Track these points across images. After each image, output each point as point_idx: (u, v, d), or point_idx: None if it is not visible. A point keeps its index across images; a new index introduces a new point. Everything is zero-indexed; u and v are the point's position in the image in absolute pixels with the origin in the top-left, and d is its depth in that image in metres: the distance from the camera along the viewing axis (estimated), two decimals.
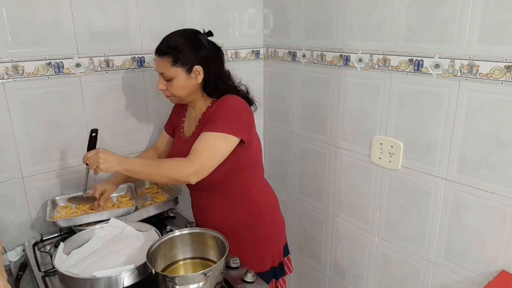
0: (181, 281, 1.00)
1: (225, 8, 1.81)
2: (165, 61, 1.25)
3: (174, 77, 1.26)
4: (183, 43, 1.25)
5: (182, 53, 1.24)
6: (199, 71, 1.27)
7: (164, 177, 1.20)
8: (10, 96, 1.36)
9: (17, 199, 1.44)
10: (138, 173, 1.21)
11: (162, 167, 1.20)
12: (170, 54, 1.24)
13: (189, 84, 1.28)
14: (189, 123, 1.42)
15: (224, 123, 1.22)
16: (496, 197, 1.22)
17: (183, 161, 1.20)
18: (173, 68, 1.25)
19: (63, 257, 1.19)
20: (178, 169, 1.19)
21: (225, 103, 1.28)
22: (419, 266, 1.49)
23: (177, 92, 1.29)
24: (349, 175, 1.68)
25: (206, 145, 1.21)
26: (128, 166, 1.19)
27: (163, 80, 1.29)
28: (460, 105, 1.25)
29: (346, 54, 1.57)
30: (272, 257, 1.43)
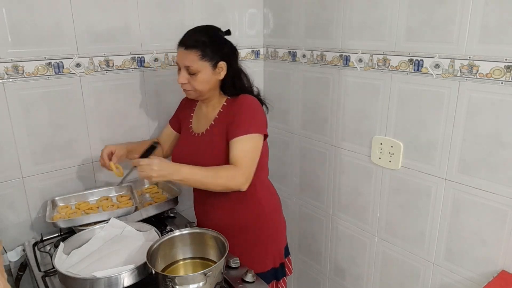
0: (181, 281, 1.00)
1: (225, 8, 1.81)
2: (193, 54, 1.24)
3: (200, 71, 1.25)
4: (211, 38, 1.26)
5: (210, 48, 1.24)
6: (222, 67, 1.28)
7: (219, 187, 1.21)
8: (10, 96, 1.36)
9: (17, 199, 1.44)
10: (193, 183, 1.20)
11: (217, 176, 1.20)
12: (198, 47, 1.24)
13: (212, 80, 1.28)
14: (199, 120, 1.41)
15: (251, 123, 1.26)
16: (496, 197, 1.22)
17: (235, 169, 1.21)
18: (201, 62, 1.24)
19: (63, 257, 1.19)
20: (232, 179, 1.21)
21: (244, 103, 1.29)
22: (419, 266, 1.49)
23: (200, 86, 1.27)
24: (349, 175, 1.68)
25: (246, 150, 1.24)
26: (184, 176, 1.17)
27: (186, 74, 1.27)
28: (460, 105, 1.25)
29: (346, 54, 1.57)
30: (273, 258, 1.43)
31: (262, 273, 1.37)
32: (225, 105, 1.34)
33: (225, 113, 1.32)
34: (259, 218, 1.39)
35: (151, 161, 1.16)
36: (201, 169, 1.20)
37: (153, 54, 1.64)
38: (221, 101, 1.35)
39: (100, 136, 1.58)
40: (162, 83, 1.70)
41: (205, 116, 1.38)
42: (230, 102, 1.34)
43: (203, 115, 1.39)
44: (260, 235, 1.39)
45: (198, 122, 1.41)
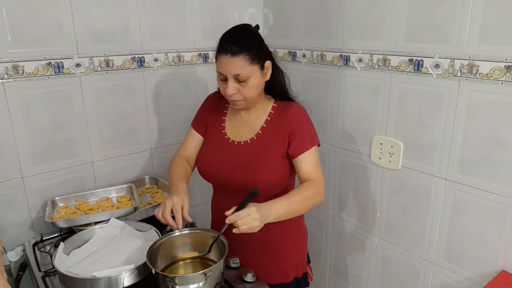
0: (181, 281, 1.00)
1: (225, 8, 1.81)
2: (241, 60, 1.11)
3: (251, 76, 1.14)
4: (253, 38, 1.16)
5: (256, 49, 1.14)
6: (268, 67, 1.18)
7: (307, 208, 1.17)
8: (10, 96, 1.36)
9: (17, 199, 1.44)
10: (287, 215, 1.12)
11: (305, 199, 1.14)
12: (246, 51, 1.12)
13: (261, 83, 1.18)
14: (237, 126, 1.28)
15: (312, 134, 1.22)
16: (496, 197, 1.22)
17: (315, 185, 1.17)
18: (251, 66, 1.13)
19: (63, 257, 1.18)
20: (318, 195, 1.17)
21: (299, 114, 1.23)
22: (419, 266, 1.49)
23: (251, 93, 1.16)
24: (349, 175, 1.68)
25: (316, 162, 1.20)
26: (277, 214, 1.08)
27: (234, 83, 1.14)
28: (460, 105, 1.25)
29: (346, 54, 1.57)
30: (296, 268, 1.35)
31: (284, 284, 1.32)
32: (272, 113, 1.24)
33: (273, 121, 1.23)
34: (285, 230, 1.30)
35: (249, 210, 1.03)
36: (287, 198, 1.12)
37: (153, 54, 1.64)
38: (266, 107, 1.25)
39: (100, 136, 1.58)
40: (162, 83, 1.70)
41: (246, 123, 1.26)
42: (277, 109, 1.24)
43: (243, 122, 1.27)
44: (285, 247, 1.32)
45: (236, 129, 1.28)
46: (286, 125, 1.21)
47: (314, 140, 1.22)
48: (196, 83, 1.80)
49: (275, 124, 1.23)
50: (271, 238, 1.30)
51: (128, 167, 1.69)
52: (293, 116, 1.21)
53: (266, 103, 1.27)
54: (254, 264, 1.22)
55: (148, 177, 1.73)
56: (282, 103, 1.26)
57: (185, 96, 1.78)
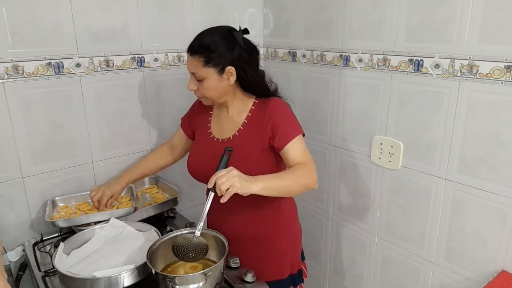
0: (181, 281, 1.00)
1: (225, 8, 1.80)
2: (196, 60, 1.17)
3: (206, 78, 1.18)
4: (216, 41, 1.17)
5: (215, 53, 1.16)
6: (231, 72, 1.19)
7: (301, 187, 1.15)
8: (10, 96, 1.36)
9: (17, 199, 1.44)
10: (276, 188, 1.10)
11: (296, 177, 1.13)
12: (202, 53, 1.16)
13: (220, 86, 1.20)
14: (221, 124, 1.32)
15: (294, 125, 1.23)
16: (496, 197, 1.22)
17: (307, 167, 1.17)
18: (205, 68, 1.17)
19: (63, 257, 1.19)
20: (310, 176, 1.16)
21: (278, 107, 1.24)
22: (419, 266, 1.49)
23: (208, 93, 1.21)
24: (349, 175, 1.68)
25: (303, 150, 1.20)
26: (266, 184, 1.07)
27: (194, 80, 1.21)
28: (460, 105, 1.25)
29: (346, 54, 1.57)
30: (291, 265, 1.38)
31: (279, 281, 1.33)
32: (253, 109, 1.27)
33: (254, 117, 1.25)
34: (279, 226, 1.33)
35: (228, 169, 1.04)
36: (276, 175, 1.12)
37: (153, 54, 1.64)
38: (246, 104, 1.28)
39: (100, 136, 1.58)
40: (162, 83, 1.70)
41: (230, 120, 1.29)
42: (257, 105, 1.27)
43: (226, 120, 1.31)
44: (279, 243, 1.34)
45: (220, 126, 1.32)
46: (266, 118, 1.22)
47: (298, 129, 1.22)
48: None
49: (255, 119, 1.25)
50: (266, 235, 1.32)
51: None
52: (272, 108, 1.23)
53: (246, 100, 1.29)
54: (249, 261, 1.24)
55: (148, 177, 1.73)
56: (263, 99, 1.28)
57: (185, 96, 1.78)
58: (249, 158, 1.22)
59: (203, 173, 1.29)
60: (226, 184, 1.00)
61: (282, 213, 1.34)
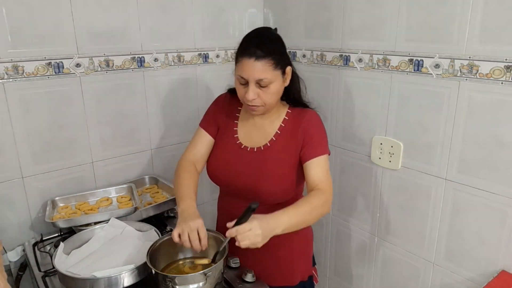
0: (181, 281, 1.00)
1: (225, 8, 1.81)
2: (266, 64, 1.08)
3: (273, 82, 1.11)
4: (276, 42, 1.13)
5: (280, 55, 1.12)
6: (289, 73, 1.15)
7: (318, 217, 1.12)
8: (10, 96, 1.36)
9: (17, 199, 1.44)
10: (295, 226, 1.06)
11: (313, 208, 1.09)
12: (270, 56, 1.09)
13: (282, 88, 1.15)
14: (250, 132, 1.25)
15: (324, 143, 1.19)
16: (496, 197, 1.22)
17: (323, 194, 1.12)
18: (274, 71, 1.10)
19: (63, 257, 1.19)
20: (326, 205, 1.12)
21: (314, 120, 1.21)
22: (419, 266, 1.49)
23: (271, 99, 1.13)
24: (349, 175, 1.68)
25: (326, 170, 1.16)
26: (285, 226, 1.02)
27: (256, 88, 1.11)
28: (460, 105, 1.25)
29: (346, 54, 1.57)
30: (302, 272, 1.34)
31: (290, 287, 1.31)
32: (287, 119, 1.22)
33: (288, 128, 1.21)
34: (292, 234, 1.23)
35: (251, 225, 0.97)
36: (295, 208, 1.06)
37: (153, 54, 1.64)
38: (280, 113, 1.23)
39: (100, 136, 1.58)
40: (162, 83, 1.70)
41: (259, 128, 1.23)
42: (292, 116, 1.22)
43: (256, 127, 1.24)
44: (291, 250, 1.30)
45: (249, 134, 1.25)
46: (300, 131, 1.19)
47: (326, 148, 1.19)
48: (196, 83, 1.80)
49: (289, 131, 1.20)
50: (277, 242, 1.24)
51: (128, 167, 1.69)
52: (308, 122, 1.19)
53: (281, 108, 1.24)
54: (259, 267, 1.21)
55: (148, 177, 1.73)
56: (297, 109, 1.24)
57: (185, 96, 1.78)
58: (277, 173, 1.18)
59: (225, 178, 1.25)
60: (247, 243, 0.97)
61: None
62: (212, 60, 1.81)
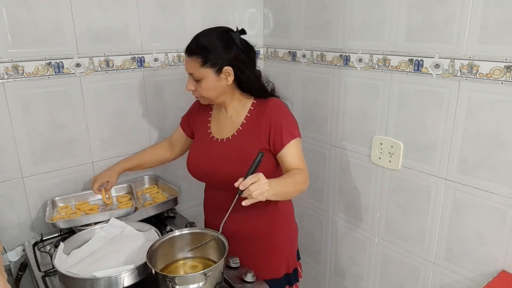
0: (181, 281, 1.00)
1: (225, 8, 1.80)
2: (194, 61, 1.19)
3: (203, 78, 1.20)
4: (214, 42, 1.19)
5: (212, 53, 1.18)
6: (229, 72, 1.20)
7: (298, 192, 1.19)
8: (10, 96, 1.36)
9: (17, 199, 1.44)
10: (281, 194, 1.14)
11: (296, 183, 1.17)
12: (199, 54, 1.18)
13: (218, 86, 1.22)
14: (220, 124, 1.34)
15: (292, 127, 1.25)
16: (496, 197, 1.22)
17: (303, 172, 1.21)
18: (202, 69, 1.19)
19: (63, 257, 1.19)
20: (305, 182, 1.20)
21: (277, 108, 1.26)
22: (419, 266, 1.49)
23: (206, 93, 1.23)
24: (349, 175, 1.68)
25: (299, 153, 1.24)
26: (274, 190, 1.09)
27: (192, 80, 1.23)
28: (460, 105, 1.25)
29: (346, 54, 1.57)
30: (287, 264, 1.39)
31: (275, 279, 1.34)
32: (252, 110, 1.28)
33: (253, 117, 1.27)
34: (275, 225, 1.35)
35: (259, 175, 1.06)
36: (281, 179, 1.15)
37: (153, 54, 1.64)
38: (245, 104, 1.30)
39: (100, 136, 1.58)
40: (162, 83, 1.70)
41: (229, 120, 1.31)
42: (256, 106, 1.28)
43: (225, 120, 1.32)
44: (275, 242, 1.35)
45: (220, 126, 1.34)
46: (265, 119, 1.24)
47: (294, 133, 1.24)
48: None
49: (254, 120, 1.27)
50: (263, 233, 1.33)
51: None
52: (271, 110, 1.25)
53: (245, 100, 1.30)
54: (246, 259, 1.24)
55: (148, 177, 1.73)
56: (262, 99, 1.29)
57: (185, 96, 1.78)
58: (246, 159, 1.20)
59: (202, 172, 1.33)
60: (259, 192, 1.04)
61: (279, 212, 1.35)
62: None
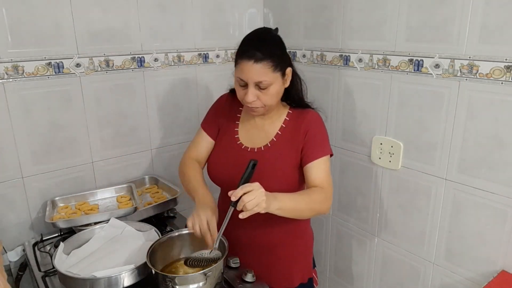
0: (181, 281, 1.00)
1: (225, 8, 1.81)
2: (265, 66, 1.08)
3: (272, 84, 1.11)
4: (276, 44, 1.13)
5: (280, 56, 1.12)
6: (289, 74, 1.15)
7: (313, 212, 1.12)
8: (10, 96, 1.36)
9: (17, 199, 1.44)
10: (290, 211, 1.07)
11: (311, 201, 1.10)
12: (269, 58, 1.08)
13: (282, 90, 1.15)
14: (251, 132, 1.25)
15: (325, 143, 1.20)
16: (496, 197, 1.22)
17: (324, 192, 1.13)
18: (274, 73, 1.10)
19: (63, 257, 1.19)
20: (325, 202, 1.12)
21: (315, 121, 1.21)
22: (419, 266, 1.49)
23: (270, 100, 1.13)
24: (349, 175, 1.68)
25: (327, 171, 1.17)
26: (283, 204, 1.03)
27: (255, 90, 1.11)
28: (460, 105, 1.25)
29: (346, 54, 1.57)
30: (302, 273, 1.33)
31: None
32: (288, 120, 1.22)
33: (289, 129, 1.21)
34: (290, 234, 1.28)
35: (254, 184, 0.98)
36: (294, 194, 1.08)
37: (153, 54, 1.64)
38: (281, 114, 1.23)
39: (100, 136, 1.58)
40: (162, 83, 1.70)
41: (260, 129, 1.24)
42: (292, 116, 1.22)
43: (257, 128, 1.24)
44: (290, 251, 1.29)
45: (250, 134, 1.25)
46: (302, 132, 1.19)
47: (327, 149, 1.19)
48: (196, 83, 1.80)
49: (290, 132, 1.21)
50: (277, 242, 1.27)
51: (128, 167, 1.69)
52: (309, 123, 1.19)
53: (282, 109, 1.24)
54: (258, 268, 1.20)
55: (148, 177, 1.73)
56: (298, 110, 1.24)
57: (185, 96, 1.78)
58: (278, 173, 1.17)
59: (226, 179, 1.24)
60: (253, 202, 0.96)
61: (294, 220, 1.22)
62: (212, 60, 1.82)
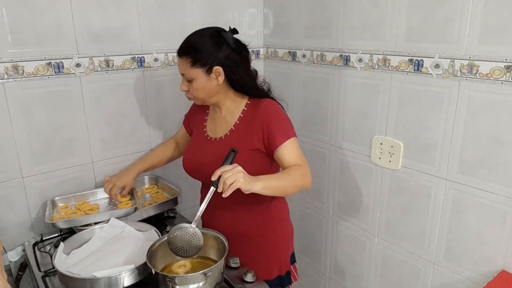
0: (181, 281, 1.00)
1: (225, 8, 1.81)
2: (184, 61, 1.21)
3: (194, 79, 1.22)
4: (203, 42, 1.20)
5: (202, 53, 1.19)
6: (219, 72, 1.21)
7: (297, 188, 1.18)
8: (10, 96, 1.36)
9: (17, 199, 1.44)
10: (274, 188, 1.13)
11: (293, 177, 1.16)
12: (189, 54, 1.21)
13: (209, 86, 1.23)
14: (215, 124, 1.35)
15: (287, 127, 1.24)
16: (496, 197, 1.22)
17: (302, 168, 1.20)
18: (192, 69, 1.21)
19: (63, 257, 1.19)
20: (305, 177, 1.19)
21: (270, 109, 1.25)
22: (419, 266, 1.49)
23: (197, 94, 1.25)
24: (349, 175, 1.68)
25: (297, 151, 1.23)
26: (265, 183, 1.09)
27: (185, 81, 1.25)
28: (460, 105, 1.25)
29: (346, 54, 1.57)
30: (279, 266, 1.39)
31: (267, 281, 1.31)
32: (246, 110, 1.29)
33: (246, 118, 1.28)
34: (268, 226, 1.35)
35: (235, 165, 1.07)
36: (274, 175, 1.15)
37: (153, 54, 1.64)
38: (239, 105, 1.30)
39: (100, 136, 1.58)
40: (162, 83, 1.70)
41: (223, 120, 1.33)
42: (250, 106, 1.29)
43: (220, 120, 1.34)
44: (267, 243, 1.36)
45: (215, 126, 1.35)
46: (257, 119, 1.25)
47: (288, 134, 1.23)
48: None
49: (247, 120, 1.28)
50: (255, 233, 1.34)
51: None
52: (263, 111, 1.25)
53: (239, 100, 1.31)
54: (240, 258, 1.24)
55: (148, 177, 1.73)
56: (256, 100, 1.30)
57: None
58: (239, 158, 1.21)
59: (197, 170, 1.34)
60: (231, 178, 1.02)
61: (272, 213, 1.36)
62: None
